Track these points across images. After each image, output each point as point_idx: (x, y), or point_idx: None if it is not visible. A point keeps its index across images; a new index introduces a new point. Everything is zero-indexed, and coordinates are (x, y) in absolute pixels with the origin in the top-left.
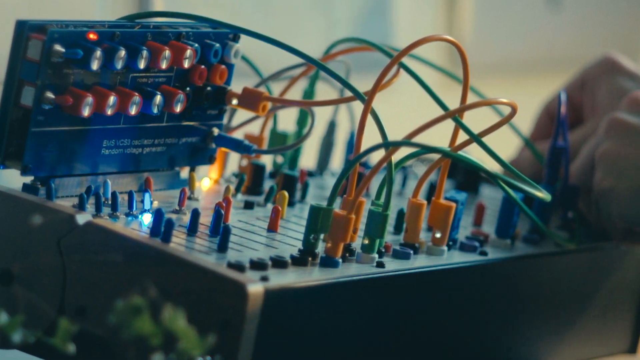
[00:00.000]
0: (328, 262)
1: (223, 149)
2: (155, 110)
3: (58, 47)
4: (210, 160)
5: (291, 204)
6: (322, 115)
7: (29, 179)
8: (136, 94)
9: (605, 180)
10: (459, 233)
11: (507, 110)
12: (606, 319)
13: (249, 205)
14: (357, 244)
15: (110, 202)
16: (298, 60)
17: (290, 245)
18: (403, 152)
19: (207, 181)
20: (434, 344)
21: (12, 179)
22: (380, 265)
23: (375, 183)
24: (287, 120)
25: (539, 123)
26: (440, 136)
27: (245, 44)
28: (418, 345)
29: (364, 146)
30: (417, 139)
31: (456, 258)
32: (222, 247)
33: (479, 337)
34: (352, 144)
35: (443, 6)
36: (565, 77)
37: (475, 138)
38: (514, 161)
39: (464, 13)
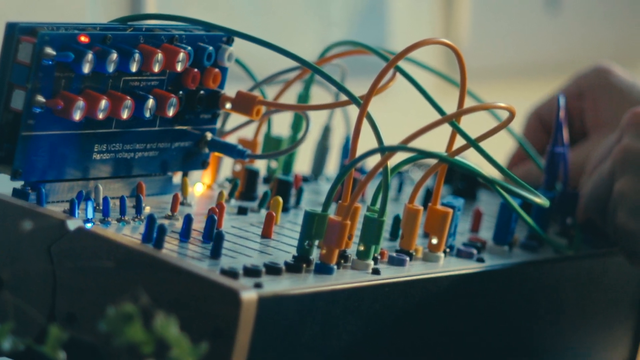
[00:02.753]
0: (323, 268)
1: (216, 153)
2: (147, 114)
3: (49, 50)
4: (203, 165)
5: (285, 209)
6: (317, 120)
7: (19, 184)
8: (128, 97)
9: (630, 222)
10: (456, 239)
11: (505, 115)
12: (605, 326)
13: (242, 211)
14: (352, 251)
15: (101, 208)
16: (293, 63)
17: (284, 252)
18: (399, 157)
19: (200, 186)
20: (430, 352)
21: (2, 184)
22: (375, 272)
23: (371, 188)
24: (281, 124)
25: (529, 127)
26: (437, 141)
27: (239, 47)
28: (414, 353)
29: (359, 151)
30: (414, 144)
31: (453, 265)
32: (215, 254)
33: (476, 345)
34: (348, 148)
35: (440, 9)
36: (565, 81)
37: (473, 143)
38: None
39: (461, 16)
